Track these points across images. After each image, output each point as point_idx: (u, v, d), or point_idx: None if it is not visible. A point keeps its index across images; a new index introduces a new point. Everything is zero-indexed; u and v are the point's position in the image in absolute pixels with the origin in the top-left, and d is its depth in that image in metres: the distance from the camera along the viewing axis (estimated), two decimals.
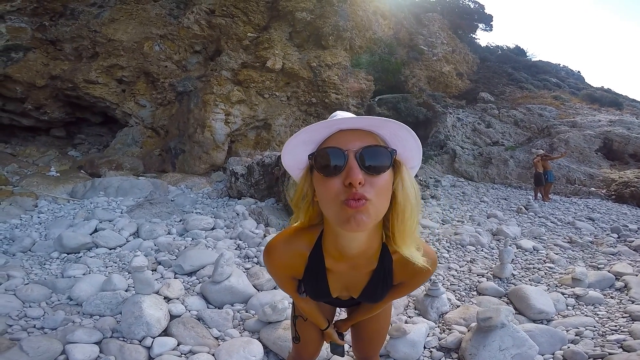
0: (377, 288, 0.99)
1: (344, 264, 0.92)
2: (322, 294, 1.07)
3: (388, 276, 0.94)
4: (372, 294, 1.03)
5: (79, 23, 9.80)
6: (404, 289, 1.06)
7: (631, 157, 11.81)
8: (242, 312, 2.95)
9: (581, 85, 21.39)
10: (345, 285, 1.04)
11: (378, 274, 0.94)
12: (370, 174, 0.68)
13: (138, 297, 2.61)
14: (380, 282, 0.97)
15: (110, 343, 2.39)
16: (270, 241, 0.98)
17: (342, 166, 0.68)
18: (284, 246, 0.95)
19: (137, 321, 2.48)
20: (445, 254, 4.61)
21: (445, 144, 13.34)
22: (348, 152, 0.68)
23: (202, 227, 4.89)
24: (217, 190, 7.32)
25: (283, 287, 1.15)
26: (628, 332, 2.86)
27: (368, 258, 0.89)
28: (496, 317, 2.46)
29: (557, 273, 4.11)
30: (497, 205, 8.18)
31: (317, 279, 0.99)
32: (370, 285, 0.99)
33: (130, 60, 10.04)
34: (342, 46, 12.12)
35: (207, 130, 9.35)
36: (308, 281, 1.03)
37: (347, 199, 0.67)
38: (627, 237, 5.60)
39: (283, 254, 0.95)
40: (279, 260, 0.97)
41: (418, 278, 0.98)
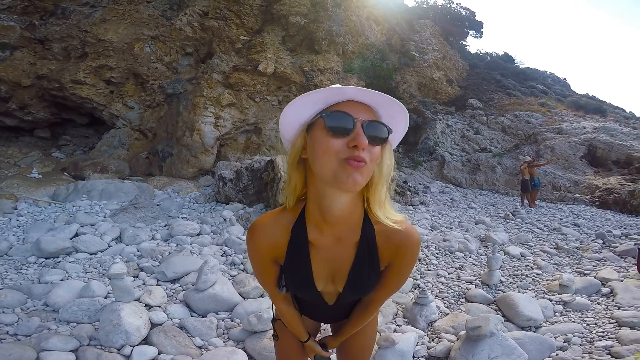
0: (364, 268, 0.94)
1: (327, 237, 0.92)
2: (304, 283, 0.99)
3: (373, 250, 0.93)
4: (359, 280, 0.96)
5: (69, 23, 9.64)
6: (392, 276, 0.99)
7: (614, 164, 12.10)
8: (226, 321, 2.87)
9: (567, 92, 21.90)
10: (330, 270, 0.98)
11: (362, 248, 0.92)
12: (370, 143, 0.76)
13: (117, 305, 2.53)
14: (366, 258, 0.93)
15: (87, 351, 2.32)
16: (256, 220, 0.99)
17: (350, 130, 0.75)
18: (268, 221, 0.96)
19: (116, 329, 2.40)
20: (434, 261, 4.59)
21: (435, 150, 13.46)
22: (357, 120, 0.76)
23: (188, 233, 4.78)
24: (204, 195, 7.20)
25: (263, 276, 1.05)
26: (615, 338, 2.87)
27: (351, 227, 0.91)
28: (485, 326, 2.44)
29: (545, 279, 4.14)
30: (485, 211, 8.25)
31: (300, 257, 0.95)
32: (356, 265, 0.94)
33: (120, 61, 9.90)
34: (335, 51, 12.15)
35: (196, 133, 9.22)
36: (290, 262, 0.97)
37: (349, 158, 0.74)
38: (612, 243, 5.69)
39: (268, 229, 0.95)
40: (263, 236, 0.95)
41: (403, 253, 0.94)
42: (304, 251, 0.94)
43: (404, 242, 0.92)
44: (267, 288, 1.09)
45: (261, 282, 1.10)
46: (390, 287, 1.03)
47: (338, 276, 0.98)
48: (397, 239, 0.92)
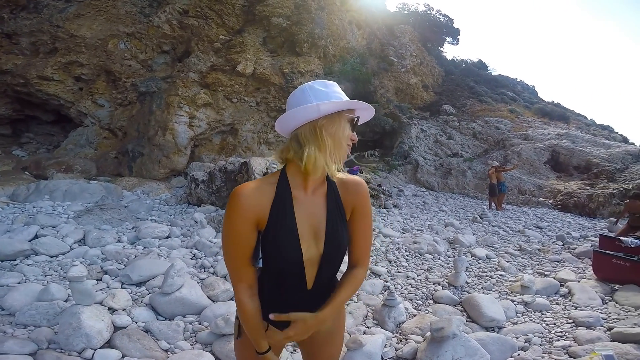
0: (336, 221, 1.10)
1: (305, 190, 1.09)
2: (290, 241, 1.04)
3: (338, 199, 1.13)
4: (335, 233, 1.09)
5: (41, 17, 9.24)
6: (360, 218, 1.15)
7: (575, 169, 12.80)
8: (194, 324, 2.85)
9: (534, 99, 22.80)
10: (311, 227, 1.07)
11: (330, 195, 1.11)
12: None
13: (77, 308, 2.49)
14: (336, 210, 1.11)
15: (46, 354, 2.28)
16: (238, 186, 1.08)
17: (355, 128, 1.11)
18: (252, 183, 1.07)
19: (76, 332, 2.37)
20: (404, 263, 4.68)
21: (409, 154, 13.75)
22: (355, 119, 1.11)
23: (156, 235, 4.67)
24: (176, 197, 7.02)
25: (238, 244, 1.03)
26: (573, 338, 3.00)
27: (321, 182, 1.12)
28: (448, 328, 2.51)
29: (508, 280, 4.31)
30: (454, 214, 8.51)
31: (285, 211, 1.04)
32: (330, 218, 1.09)
33: (92, 58, 9.55)
34: (316, 54, 12.19)
35: (169, 133, 8.99)
36: (276, 218, 1.03)
37: (349, 145, 1.09)
38: (571, 245, 6.01)
39: (253, 189, 1.04)
40: (248, 196, 1.02)
41: (360, 193, 1.15)
42: (288, 205, 1.05)
43: (356, 185, 1.16)
44: (236, 263, 1.05)
45: (232, 254, 1.05)
46: (364, 229, 1.16)
47: (318, 232, 1.08)
48: (351, 185, 1.15)
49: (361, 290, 3.83)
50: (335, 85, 1.10)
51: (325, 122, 1.03)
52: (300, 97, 1.05)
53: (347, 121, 1.08)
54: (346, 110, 1.08)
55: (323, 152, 1.03)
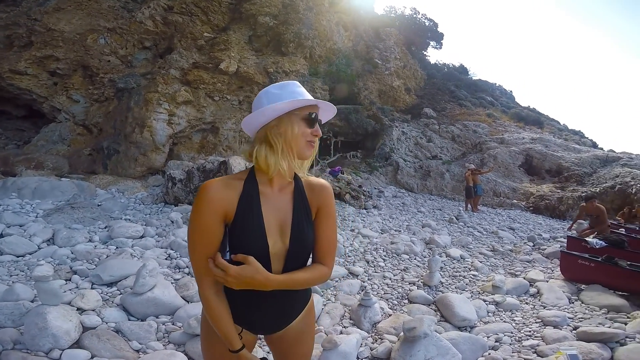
0: (302, 218, 1.14)
1: (273, 187, 1.14)
2: (257, 234, 1.06)
3: (304, 198, 1.17)
4: (301, 230, 1.12)
5: (18, 10, 8.88)
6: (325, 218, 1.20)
7: (547, 173, 13.33)
8: (167, 325, 2.83)
9: (511, 104, 23.51)
10: (277, 221, 1.11)
11: (297, 196, 1.16)
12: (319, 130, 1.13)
13: (43, 308, 2.45)
14: (302, 208, 1.15)
15: (11, 355, 2.25)
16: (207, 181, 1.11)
17: (314, 124, 1.11)
18: (221, 178, 1.11)
19: (42, 333, 2.34)
20: (381, 263, 4.75)
21: (390, 156, 13.94)
22: (320, 119, 1.15)
23: (130, 235, 4.57)
24: (152, 196, 6.86)
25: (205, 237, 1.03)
26: (541, 337, 3.10)
27: (289, 180, 1.17)
28: (419, 327, 2.55)
29: (480, 280, 4.43)
30: (432, 215, 8.69)
31: (252, 205, 1.08)
32: (296, 215, 1.13)
33: (69, 52, 9.24)
34: (302, 54, 12.17)
35: (147, 130, 8.78)
36: (243, 211, 1.06)
37: (310, 141, 1.11)
38: (541, 246, 6.24)
39: (221, 184, 1.08)
40: (217, 189, 1.05)
41: (325, 195, 1.21)
42: (255, 200, 1.09)
43: (322, 187, 1.21)
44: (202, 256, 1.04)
45: (199, 247, 1.04)
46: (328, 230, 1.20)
47: (285, 228, 1.12)
48: (317, 187, 1.21)
49: (339, 290, 3.86)
50: (292, 85, 1.12)
51: (274, 123, 1.09)
52: (257, 102, 1.12)
53: (301, 119, 1.09)
54: (300, 108, 1.09)
55: (273, 152, 1.08)
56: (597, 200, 6.71)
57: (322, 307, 3.43)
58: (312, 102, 1.10)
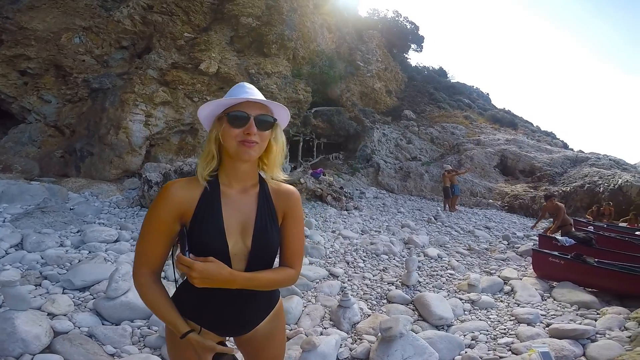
0: (266, 220, 1.14)
1: (235, 188, 1.15)
2: (216, 233, 1.06)
3: (269, 201, 1.18)
4: (264, 231, 1.12)
5: None
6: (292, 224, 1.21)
7: (521, 173, 13.81)
8: (143, 329, 2.80)
9: (488, 106, 24.18)
10: (239, 221, 1.11)
11: (262, 199, 1.16)
12: (260, 129, 1.08)
13: (10, 313, 2.43)
14: (266, 210, 1.16)
15: None
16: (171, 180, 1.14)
17: (245, 123, 1.06)
18: (185, 180, 1.13)
19: (10, 338, 2.32)
20: (360, 264, 4.79)
21: (371, 157, 14.10)
22: (250, 115, 1.07)
23: (103, 239, 4.47)
24: (128, 199, 6.68)
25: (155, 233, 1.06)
26: (515, 334, 3.16)
27: (252, 183, 1.18)
28: (395, 327, 2.58)
29: (457, 279, 4.53)
30: (411, 215, 8.83)
31: (213, 205, 1.09)
32: (259, 216, 1.13)
33: (41, 51, 8.88)
34: (285, 55, 12.12)
35: (123, 131, 8.54)
36: (202, 212, 1.07)
37: (243, 141, 1.06)
38: (515, 244, 6.43)
39: (183, 184, 1.11)
40: (178, 188, 1.09)
41: (293, 200, 1.22)
42: (216, 201, 1.10)
43: (288, 193, 1.22)
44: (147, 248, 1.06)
45: (147, 238, 1.07)
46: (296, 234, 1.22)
47: (246, 229, 1.11)
48: (283, 192, 1.21)
49: (319, 291, 3.87)
50: (235, 88, 1.13)
51: (210, 129, 1.16)
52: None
53: (226, 121, 1.08)
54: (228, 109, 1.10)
55: (203, 156, 1.14)
56: (556, 199, 6.87)
57: (303, 308, 3.43)
58: (226, 101, 1.08)
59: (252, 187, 1.18)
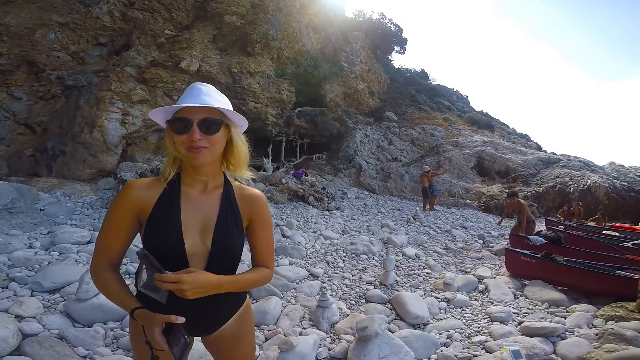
0: (228, 221, 1.13)
1: (197, 188, 1.14)
2: (172, 232, 1.06)
3: (233, 202, 1.17)
4: (225, 232, 1.12)
5: None
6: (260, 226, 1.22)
7: (497, 174, 14.25)
8: (116, 330, 2.77)
9: (467, 108, 24.73)
10: (199, 221, 1.10)
11: (224, 199, 1.16)
12: (206, 134, 1.05)
13: None
14: (229, 211, 1.15)
15: None
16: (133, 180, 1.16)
17: (188, 129, 1.03)
18: (147, 179, 1.14)
19: None
20: (341, 264, 4.82)
21: (354, 158, 14.20)
22: (193, 121, 1.04)
23: (75, 241, 4.34)
24: (102, 199, 6.47)
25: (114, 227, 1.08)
26: (489, 333, 3.21)
27: (216, 185, 1.17)
28: (371, 327, 2.61)
29: (433, 278, 4.61)
30: (391, 215, 8.95)
31: (171, 205, 1.09)
32: (221, 216, 1.13)
33: (13, 47, 8.48)
34: (269, 55, 12.03)
35: (98, 130, 8.28)
36: (160, 210, 1.08)
37: (189, 147, 1.04)
38: (490, 243, 6.61)
39: (144, 182, 1.12)
40: (138, 187, 1.10)
41: (256, 203, 1.21)
42: (175, 200, 1.10)
43: (253, 197, 1.22)
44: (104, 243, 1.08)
45: (104, 233, 1.09)
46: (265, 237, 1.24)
47: (207, 229, 1.11)
48: (248, 196, 1.21)
49: (299, 292, 3.87)
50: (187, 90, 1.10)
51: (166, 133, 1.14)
52: None
53: (170, 129, 1.07)
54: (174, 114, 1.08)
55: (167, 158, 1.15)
56: (517, 196, 7.04)
57: (282, 309, 3.43)
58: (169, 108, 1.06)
59: (215, 189, 1.17)
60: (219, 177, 1.19)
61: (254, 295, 3.60)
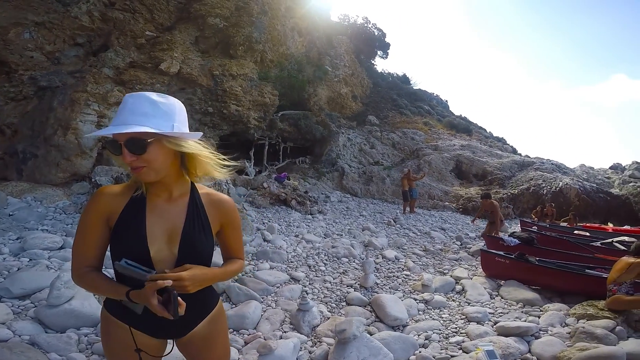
0: (195, 228, 1.15)
1: (162, 196, 1.15)
2: (136, 239, 1.07)
3: (201, 210, 1.18)
4: (192, 239, 1.13)
5: None
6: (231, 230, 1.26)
7: (474, 177, 14.65)
8: (90, 336, 2.73)
9: (446, 112, 25.24)
10: (165, 228, 1.12)
11: (192, 207, 1.17)
12: (137, 154, 1.01)
13: None
14: (196, 218, 1.16)
15: None
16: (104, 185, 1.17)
17: (119, 151, 1.01)
18: (116, 186, 1.16)
19: None
20: (322, 267, 4.84)
21: (336, 162, 14.30)
22: (122, 143, 1.00)
23: (46, 247, 4.21)
24: (76, 204, 6.26)
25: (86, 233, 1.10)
26: (465, 333, 3.26)
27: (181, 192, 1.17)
28: (349, 329, 2.64)
29: (412, 280, 4.68)
30: (372, 218, 9.05)
31: (136, 213, 1.10)
32: (188, 224, 1.14)
33: None
34: (252, 58, 11.96)
35: (72, 132, 8.01)
36: (125, 216, 1.09)
37: (131, 167, 1.03)
38: (467, 244, 6.77)
39: (113, 189, 1.14)
40: (106, 193, 1.12)
41: (224, 209, 1.23)
42: (140, 208, 1.11)
43: (221, 203, 1.24)
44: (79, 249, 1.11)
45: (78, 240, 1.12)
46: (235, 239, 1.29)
47: (173, 236, 1.13)
48: (216, 202, 1.23)
49: (280, 296, 3.87)
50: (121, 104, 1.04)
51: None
52: None
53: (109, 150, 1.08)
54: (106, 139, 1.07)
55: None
56: (491, 198, 7.27)
57: (262, 313, 3.41)
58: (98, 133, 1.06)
59: (180, 196, 1.18)
60: (184, 185, 1.18)
61: (233, 300, 3.57)
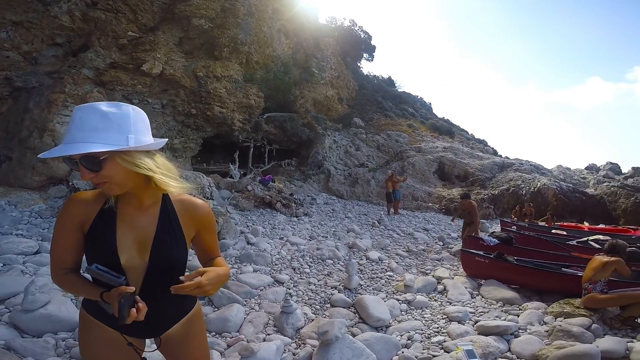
0: (166, 236, 1.15)
1: (132, 205, 1.14)
2: (107, 248, 1.09)
3: (173, 219, 1.19)
4: (163, 247, 1.14)
5: None
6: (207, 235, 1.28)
7: (456, 178, 14.95)
8: (68, 341, 2.68)
9: (429, 115, 25.61)
10: (135, 238, 1.12)
11: (163, 217, 1.17)
12: (93, 171, 0.99)
13: None
14: (167, 228, 1.17)
15: None
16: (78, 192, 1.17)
17: (78, 167, 0.99)
18: (90, 193, 1.16)
19: None
20: (307, 269, 4.84)
21: (322, 164, 14.34)
22: (77, 160, 0.98)
23: (20, 251, 4.08)
24: (52, 208, 6.07)
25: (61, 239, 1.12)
26: (447, 333, 3.29)
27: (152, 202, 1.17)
28: (331, 331, 2.65)
29: (395, 280, 4.72)
30: (357, 220, 9.10)
31: (106, 221, 1.11)
32: (159, 233, 1.15)
33: None
34: (238, 59, 11.87)
35: (48, 134, 7.78)
36: (96, 225, 1.10)
37: (92, 183, 1.02)
38: (449, 245, 6.87)
39: (86, 196, 1.14)
40: (79, 200, 1.12)
41: (197, 213, 1.23)
42: (110, 217, 1.12)
43: (194, 208, 1.24)
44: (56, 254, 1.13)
45: (54, 245, 1.13)
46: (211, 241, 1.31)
47: (144, 245, 1.13)
48: (190, 208, 1.23)
49: (263, 298, 3.85)
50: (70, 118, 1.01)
51: None
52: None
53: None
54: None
55: None
56: (470, 198, 7.43)
57: (245, 316, 3.40)
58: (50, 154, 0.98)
59: (152, 205, 1.18)
60: (155, 193, 1.17)
61: (215, 303, 3.54)
